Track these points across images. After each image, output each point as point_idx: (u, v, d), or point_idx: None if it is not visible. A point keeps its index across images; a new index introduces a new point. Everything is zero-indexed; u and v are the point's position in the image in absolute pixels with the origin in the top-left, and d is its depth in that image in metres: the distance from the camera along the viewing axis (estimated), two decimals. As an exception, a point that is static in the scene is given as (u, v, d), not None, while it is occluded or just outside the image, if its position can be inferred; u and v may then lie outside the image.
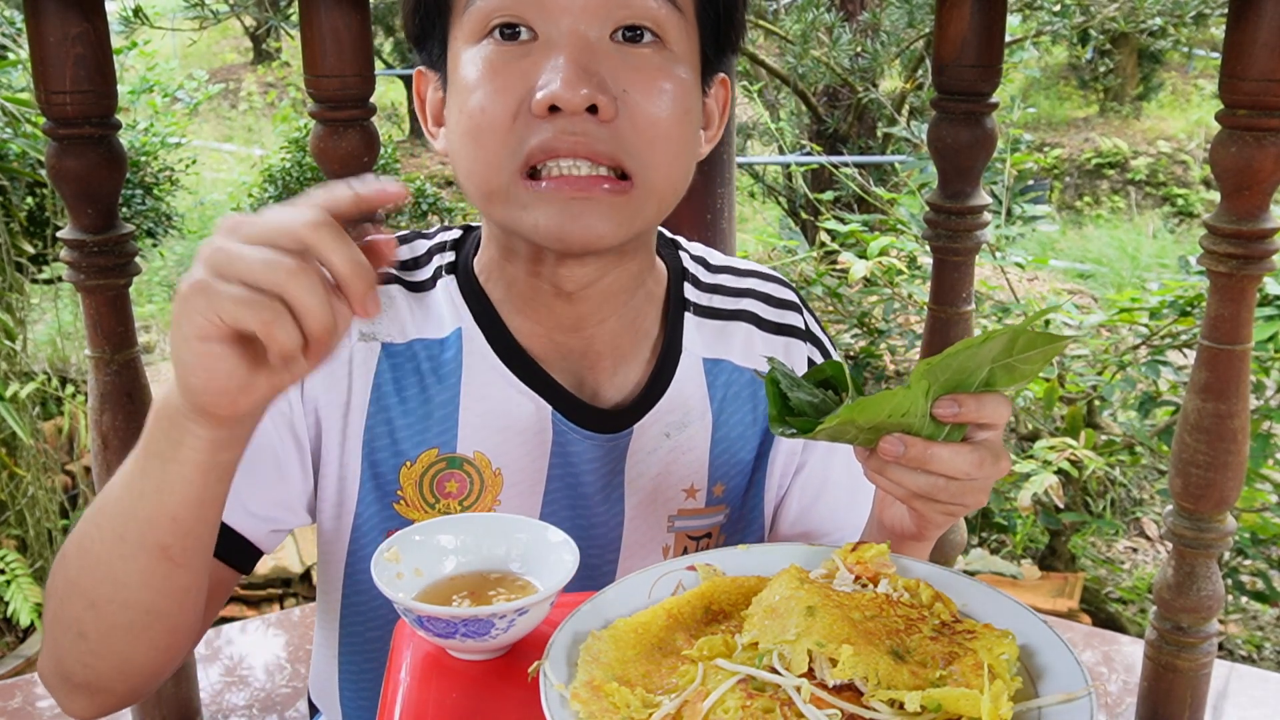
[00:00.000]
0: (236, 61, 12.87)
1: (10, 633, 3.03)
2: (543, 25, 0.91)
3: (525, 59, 0.91)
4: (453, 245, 1.11)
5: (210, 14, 3.40)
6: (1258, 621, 3.59)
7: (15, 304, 3.43)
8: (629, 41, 0.93)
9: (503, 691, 0.85)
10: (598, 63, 0.91)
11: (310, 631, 1.92)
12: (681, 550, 1.13)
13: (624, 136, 0.92)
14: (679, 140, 0.96)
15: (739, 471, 1.15)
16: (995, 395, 0.85)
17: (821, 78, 5.07)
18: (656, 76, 0.93)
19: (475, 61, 0.93)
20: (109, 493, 0.86)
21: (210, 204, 7.64)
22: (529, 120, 0.91)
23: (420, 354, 1.05)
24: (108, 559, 0.86)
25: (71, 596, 0.89)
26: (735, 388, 1.14)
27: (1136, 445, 3.25)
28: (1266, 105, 1.26)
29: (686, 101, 0.96)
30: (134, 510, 0.83)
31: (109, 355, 1.43)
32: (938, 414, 0.83)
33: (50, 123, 1.36)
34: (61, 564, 0.90)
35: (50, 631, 0.93)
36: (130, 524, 0.84)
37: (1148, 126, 10.07)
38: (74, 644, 0.90)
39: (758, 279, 1.20)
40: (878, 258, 3.44)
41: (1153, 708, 1.52)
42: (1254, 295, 1.35)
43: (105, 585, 0.87)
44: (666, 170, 0.96)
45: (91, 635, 0.89)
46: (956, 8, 1.43)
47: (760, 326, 1.16)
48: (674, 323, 1.12)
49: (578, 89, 0.88)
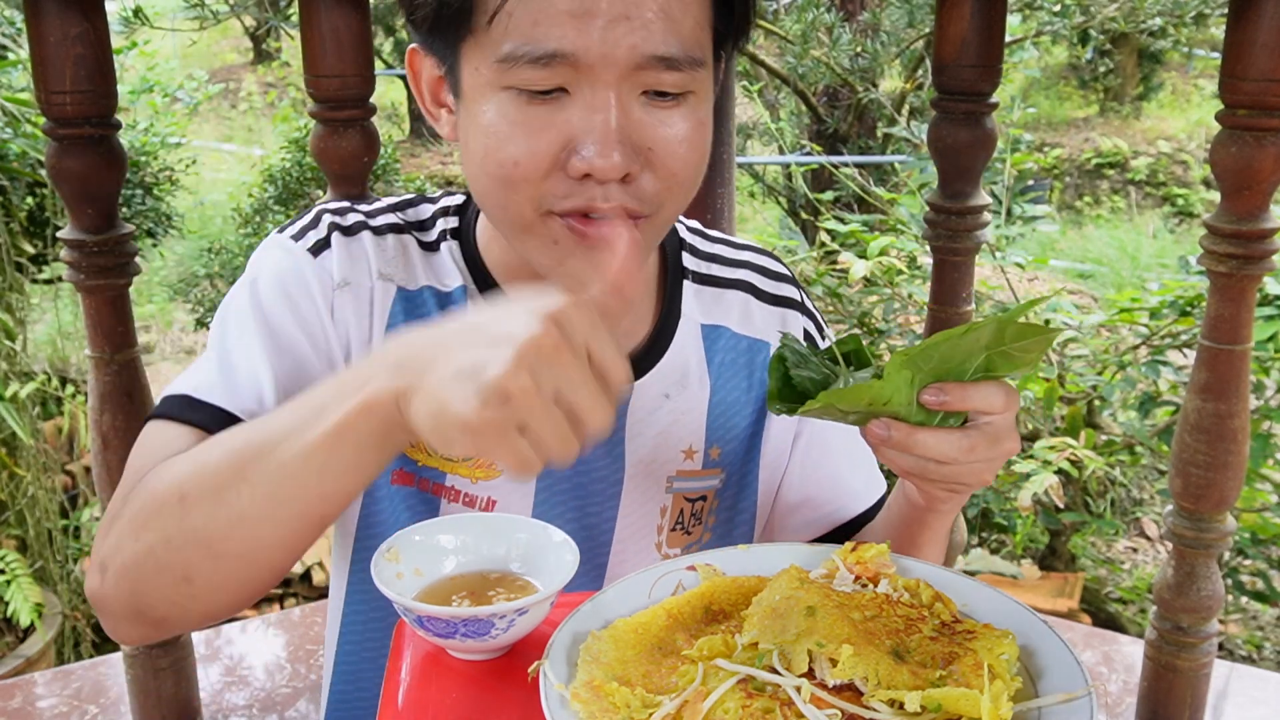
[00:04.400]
0: (236, 61, 12.87)
1: (10, 633, 3.03)
2: (577, 83, 0.90)
3: (560, 114, 0.91)
4: (455, 210, 1.14)
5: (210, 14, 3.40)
6: (1258, 621, 3.59)
7: (15, 304, 3.43)
8: (658, 96, 0.93)
9: (503, 691, 0.85)
10: (630, 126, 0.92)
11: (310, 631, 1.92)
12: (678, 511, 1.17)
13: (645, 190, 0.94)
14: (695, 178, 0.99)
15: (734, 437, 1.18)
16: (989, 383, 0.86)
17: (821, 78, 5.06)
18: (683, 131, 0.94)
19: (506, 113, 0.92)
20: (267, 451, 0.82)
21: (210, 204, 7.63)
22: (561, 178, 0.92)
23: (430, 300, 1.09)
24: (255, 517, 0.83)
25: (188, 543, 0.85)
26: (732, 355, 1.18)
27: (1136, 445, 3.24)
28: (1267, 105, 1.26)
29: (706, 135, 0.98)
30: (307, 481, 0.81)
31: (109, 355, 1.43)
32: (924, 401, 0.86)
33: (50, 123, 1.36)
34: (175, 506, 0.85)
35: (134, 567, 0.87)
36: (297, 492, 0.82)
37: (1148, 126, 10.07)
38: (173, 586, 0.86)
39: (753, 253, 1.24)
40: (878, 258, 3.44)
41: (1153, 708, 1.52)
42: (1254, 295, 1.35)
43: (242, 541, 0.84)
44: (683, 203, 1.00)
45: (200, 581, 0.86)
46: (956, 8, 1.43)
47: (758, 297, 1.20)
48: (673, 289, 1.16)
49: (614, 160, 0.90)
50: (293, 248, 1.07)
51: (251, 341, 1.01)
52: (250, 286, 1.05)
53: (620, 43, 0.89)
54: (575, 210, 0.93)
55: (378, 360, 0.79)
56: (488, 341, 0.72)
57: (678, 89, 0.93)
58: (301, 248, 1.06)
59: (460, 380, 0.72)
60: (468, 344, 0.73)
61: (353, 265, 1.06)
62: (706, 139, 0.98)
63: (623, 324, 1.11)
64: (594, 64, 0.89)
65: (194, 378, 1.01)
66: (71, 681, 1.74)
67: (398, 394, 0.76)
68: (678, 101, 0.94)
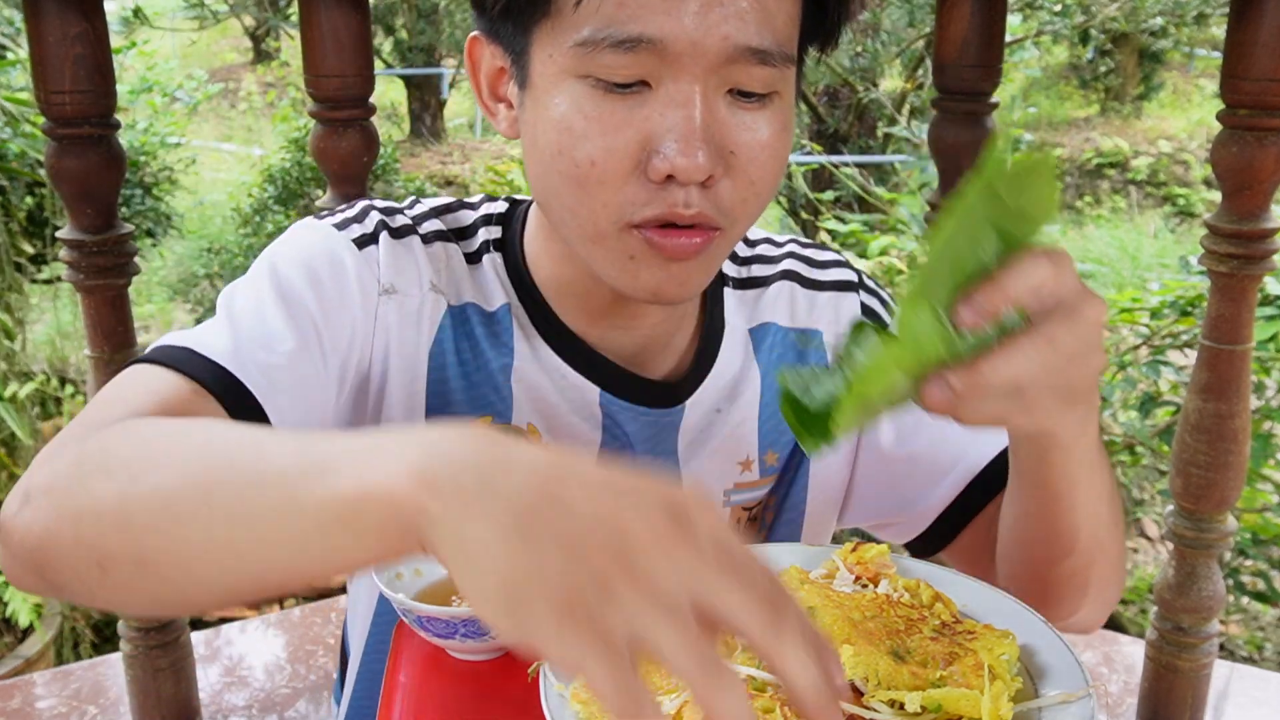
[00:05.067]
0: (236, 61, 12.87)
1: (10, 633, 3.03)
2: (660, 76, 0.84)
3: (640, 109, 0.85)
4: (499, 219, 1.07)
5: (210, 14, 3.41)
6: (1258, 622, 3.59)
7: (15, 304, 3.43)
8: (742, 97, 0.87)
9: (503, 691, 0.84)
10: (715, 125, 0.85)
11: (310, 631, 1.92)
12: (735, 523, 1.09)
13: (723, 198, 0.88)
14: (774, 189, 0.92)
15: (789, 437, 1.10)
16: (1019, 258, 0.67)
17: (821, 78, 5.07)
18: (766, 135, 0.88)
19: (581, 106, 0.85)
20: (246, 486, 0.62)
21: (210, 204, 7.63)
22: (642, 182, 0.86)
23: (473, 318, 1.02)
24: (201, 555, 0.64)
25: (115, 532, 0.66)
26: (781, 349, 1.11)
27: (1137, 445, 3.25)
28: (1267, 105, 1.26)
29: (789, 142, 0.92)
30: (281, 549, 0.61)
31: (109, 355, 1.43)
32: (963, 324, 0.67)
33: (50, 123, 1.36)
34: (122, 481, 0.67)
35: (52, 519, 0.70)
36: (265, 555, 0.62)
37: (1148, 126, 10.07)
38: (84, 565, 0.69)
39: (796, 244, 1.17)
40: (878, 258, 3.44)
41: (1153, 708, 1.52)
42: (1255, 295, 1.35)
43: (176, 567, 0.65)
44: (757, 216, 0.94)
45: (114, 578, 0.68)
46: (956, 8, 1.43)
47: (805, 285, 1.13)
48: (714, 299, 1.10)
49: (699, 160, 0.83)
50: (332, 233, 0.97)
51: (262, 310, 0.91)
52: (269, 261, 0.95)
53: (713, 30, 0.82)
54: (655, 219, 0.86)
55: (429, 447, 0.57)
56: (600, 511, 0.52)
57: (765, 88, 0.87)
58: (344, 237, 0.97)
59: (554, 552, 0.51)
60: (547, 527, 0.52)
61: (401, 272, 0.98)
62: (789, 146, 0.92)
63: (670, 340, 1.06)
64: (682, 53, 0.82)
65: (196, 334, 0.89)
66: (71, 682, 1.74)
67: (431, 518, 0.54)
68: (763, 103, 0.87)
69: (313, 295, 0.93)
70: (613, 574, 0.50)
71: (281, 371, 0.88)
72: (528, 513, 0.52)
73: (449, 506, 0.54)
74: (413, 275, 0.99)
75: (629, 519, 0.52)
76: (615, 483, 0.54)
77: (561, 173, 0.87)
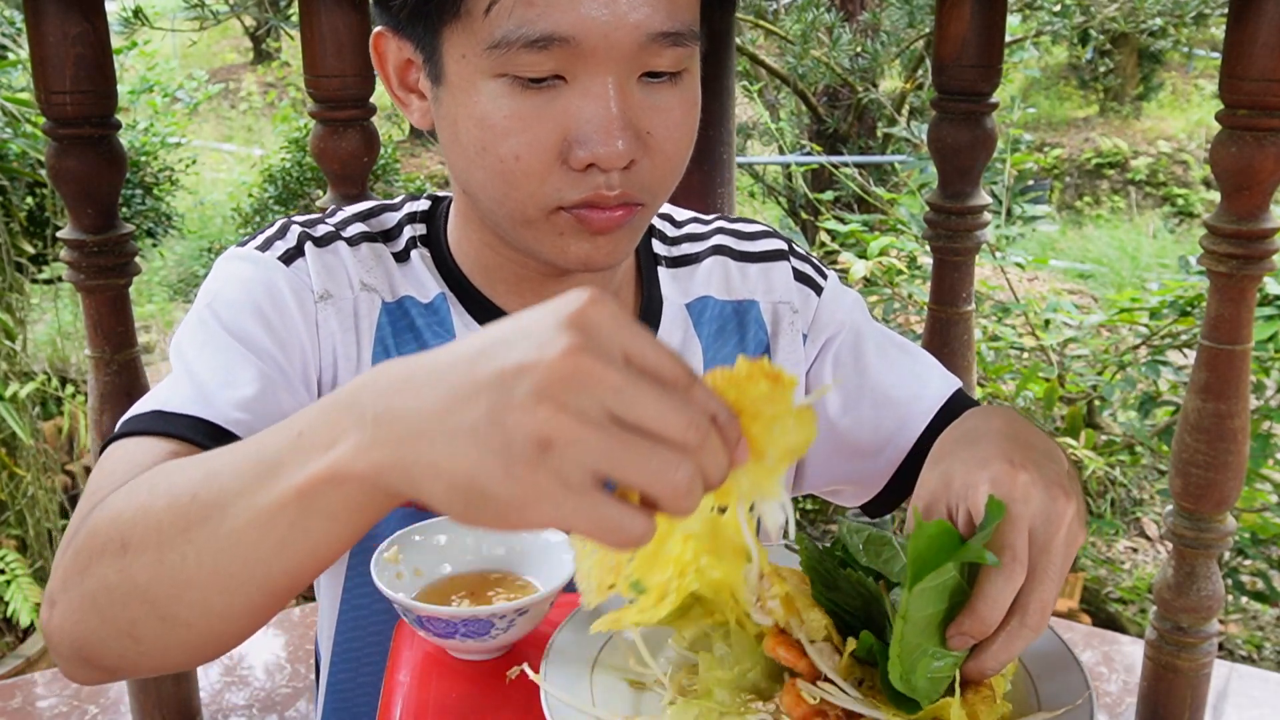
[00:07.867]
0: (236, 61, 12.86)
1: (10, 633, 3.03)
2: (574, 70, 0.86)
3: (557, 102, 0.87)
4: (422, 217, 1.09)
5: (210, 14, 3.41)
6: (1258, 621, 3.59)
7: (15, 304, 3.43)
8: (653, 77, 0.89)
9: (503, 691, 0.84)
10: (631, 111, 0.88)
11: (310, 631, 1.92)
12: None
13: (643, 176, 0.91)
14: (686, 160, 0.96)
15: None
16: (983, 577, 0.71)
17: (821, 78, 5.06)
18: (677, 111, 0.91)
19: (500, 103, 0.87)
20: (215, 511, 0.66)
21: (210, 204, 7.63)
22: (565, 171, 0.89)
23: (411, 311, 1.04)
24: (202, 585, 0.69)
25: (131, 599, 0.72)
26: (719, 322, 1.13)
27: (1136, 445, 3.25)
28: (1267, 105, 1.26)
29: (697, 113, 0.95)
30: (266, 555, 0.65)
31: (109, 355, 1.43)
32: (958, 648, 0.72)
33: (50, 123, 1.36)
34: (118, 553, 0.72)
35: (78, 610, 0.75)
36: (254, 566, 0.66)
37: (1148, 126, 10.06)
38: (119, 641, 0.74)
39: (724, 219, 1.20)
40: (878, 258, 3.44)
41: (1153, 708, 1.52)
42: (1254, 295, 1.35)
43: (191, 607, 0.70)
44: (673, 187, 0.97)
45: (148, 642, 0.74)
46: (956, 8, 1.43)
47: (736, 258, 1.16)
48: (650, 279, 1.13)
49: (619, 148, 0.87)
50: (259, 258, 0.99)
51: (217, 354, 0.93)
52: (208, 306, 0.96)
53: (623, 21, 0.84)
54: (581, 203, 0.90)
55: (346, 408, 0.61)
56: (494, 379, 0.55)
57: (676, 67, 0.90)
58: (270, 257, 0.99)
59: (475, 442, 0.54)
60: (469, 387, 0.55)
61: (331, 277, 1.01)
62: (697, 117, 0.95)
63: None
64: (595, 47, 0.84)
65: (158, 395, 0.90)
66: (71, 682, 1.74)
67: (378, 469, 0.58)
68: (675, 80, 0.91)
69: (260, 326, 0.96)
70: (544, 429, 0.53)
71: (254, 402, 0.91)
72: (442, 414, 0.56)
73: (382, 452, 0.58)
74: (343, 278, 1.02)
75: (538, 369, 0.54)
76: (509, 338, 0.57)
77: (486, 168, 0.90)
